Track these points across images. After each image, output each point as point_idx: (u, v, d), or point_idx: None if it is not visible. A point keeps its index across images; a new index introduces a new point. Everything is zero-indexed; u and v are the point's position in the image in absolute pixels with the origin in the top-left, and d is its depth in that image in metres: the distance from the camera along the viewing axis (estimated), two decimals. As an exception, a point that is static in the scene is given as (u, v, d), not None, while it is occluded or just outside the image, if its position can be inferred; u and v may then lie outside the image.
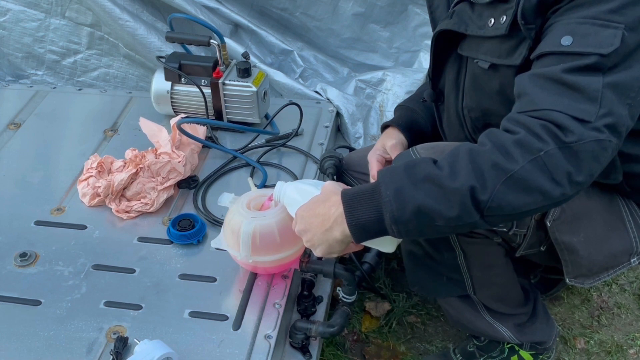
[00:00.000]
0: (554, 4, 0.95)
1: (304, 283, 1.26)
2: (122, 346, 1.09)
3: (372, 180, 1.28)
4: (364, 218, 0.97)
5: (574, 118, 0.88)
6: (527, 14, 0.97)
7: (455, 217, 0.92)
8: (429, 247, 1.21)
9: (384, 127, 1.42)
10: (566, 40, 0.92)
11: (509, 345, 1.42)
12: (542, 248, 1.21)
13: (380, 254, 1.33)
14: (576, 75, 0.90)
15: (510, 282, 1.32)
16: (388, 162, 1.35)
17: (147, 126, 1.52)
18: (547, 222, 1.13)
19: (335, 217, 0.99)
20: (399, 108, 1.45)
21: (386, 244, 1.10)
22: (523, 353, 1.42)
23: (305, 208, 1.06)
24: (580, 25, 0.92)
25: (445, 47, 1.17)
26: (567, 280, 1.21)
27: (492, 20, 1.04)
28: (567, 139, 0.88)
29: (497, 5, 1.02)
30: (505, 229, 1.14)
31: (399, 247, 1.15)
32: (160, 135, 1.49)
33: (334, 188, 1.06)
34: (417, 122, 1.39)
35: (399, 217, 0.94)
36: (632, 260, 1.20)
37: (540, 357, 1.44)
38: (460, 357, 1.47)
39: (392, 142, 1.33)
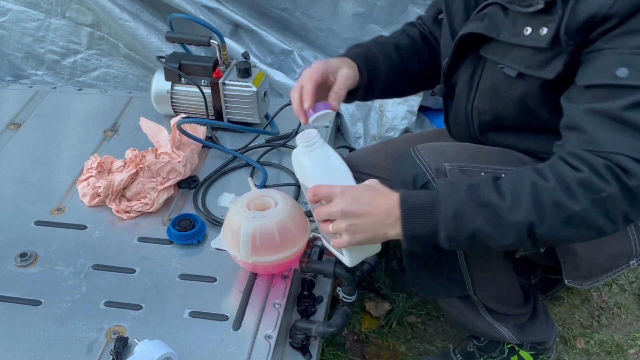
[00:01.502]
0: (602, 25, 0.93)
1: (304, 283, 1.26)
2: (122, 346, 1.09)
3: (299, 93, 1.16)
4: (419, 230, 1.00)
5: (637, 161, 0.90)
6: (570, 29, 0.95)
7: (508, 244, 0.97)
8: (430, 248, 1.21)
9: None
10: (622, 72, 0.91)
11: (509, 346, 1.42)
12: (541, 249, 1.21)
13: (380, 254, 1.32)
14: (638, 113, 0.90)
15: (511, 282, 1.32)
16: (324, 86, 1.18)
17: (147, 126, 1.52)
18: None
19: (396, 218, 1.00)
20: (360, 47, 1.30)
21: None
22: (523, 353, 1.42)
23: (360, 193, 1.03)
24: (636, 57, 0.91)
25: (465, 46, 1.15)
26: (566, 281, 1.21)
27: (529, 30, 1.01)
28: (630, 182, 0.90)
29: (537, 15, 0.99)
30: None
31: (398, 246, 1.16)
32: (160, 135, 1.49)
33: (382, 185, 1.06)
34: (377, 69, 1.27)
35: (453, 237, 0.98)
36: (631, 262, 1.20)
37: (540, 357, 1.44)
38: (460, 357, 1.47)
39: (347, 72, 1.17)
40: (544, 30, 0.99)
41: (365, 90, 1.25)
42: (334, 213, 1.02)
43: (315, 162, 1.09)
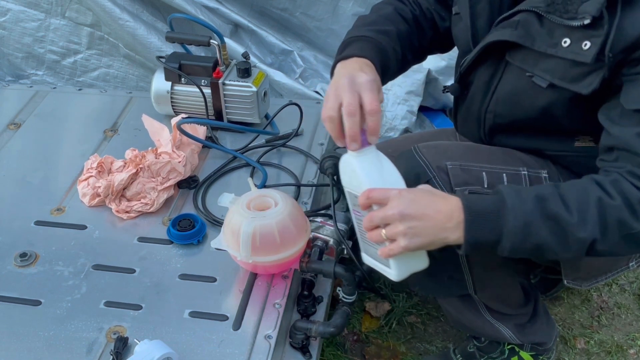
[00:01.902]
0: None
1: (304, 283, 1.26)
2: (122, 346, 1.09)
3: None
4: (482, 238, 0.97)
5: None
6: (616, 47, 0.94)
7: (566, 257, 0.99)
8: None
9: (343, 58, 1.15)
10: None
11: (509, 346, 1.42)
12: None
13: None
14: None
15: (511, 282, 1.33)
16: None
17: (149, 123, 1.52)
18: None
19: (458, 222, 0.97)
20: (367, 41, 1.18)
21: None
22: (523, 354, 1.42)
23: (418, 195, 0.99)
24: None
25: (489, 50, 1.13)
26: (565, 282, 1.21)
27: (567, 42, 0.99)
28: None
29: (578, 27, 0.97)
30: None
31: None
32: (161, 134, 1.49)
33: (436, 189, 1.03)
34: (388, 67, 1.21)
35: (518, 247, 0.97)
36: (630, 264, 1.20)
37: (540, 357, 1.44)
38: (461, 358, 1.47)
39: (367, 77, 1.05)
40: (587, 45, 0.96)
41: (383, 71, 1.20)
42: (390, 216, 0.97)
43: (368, 166, 1.04)
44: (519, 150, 1.21)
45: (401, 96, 1.86)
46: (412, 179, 1.15)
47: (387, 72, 1.20)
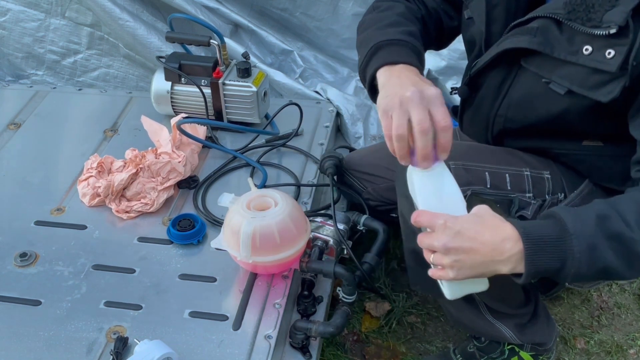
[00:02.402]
0: None
1: (304, 283, 1.26)
2: (122, 346, 1.09)
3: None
4: (544, 266, 0.91)
5: None
6: None
7: (630, 277, 0.94)
8: None
9: (387, 63, 1.10)
10: None
11: (509, 347, 1.42)
12: None
13: (380, 254, 1.33)
14: None
15: (512, 282, 1.32)
16: None
17: (149, 124, 1.52)
18: None
19: (510, 254, 0.91)
20: (405, 45, 1.14)
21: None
22: (523, 354, 1.42)
23: (465, 226, 0.92)
24: None
25: (503, 53, 1.11)
26: (567, 283, 1.21)
27: (589, 49, 0.97)
28: None
29: (601, 36, 0.95)
30: None
31: (398, 247, 1.15)
32: (161, 134, 1.49)
33: (493, 213, 0.95)
34: (423, 68, 1.20)
35: (582, 273, 0.90)
36: None
37: (540, 358, 1.44)
38: (461, 358, 1.47)
39: (436, 91, 0.98)
40: (611, 53, 0.94)
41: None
42: (435, 247, 0.93)
43: (427, 186, 0.99)
44: (524, 150, 1.20)
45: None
46: None
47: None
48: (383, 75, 1.06)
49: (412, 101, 0.95)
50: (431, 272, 0.98)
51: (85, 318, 1.16)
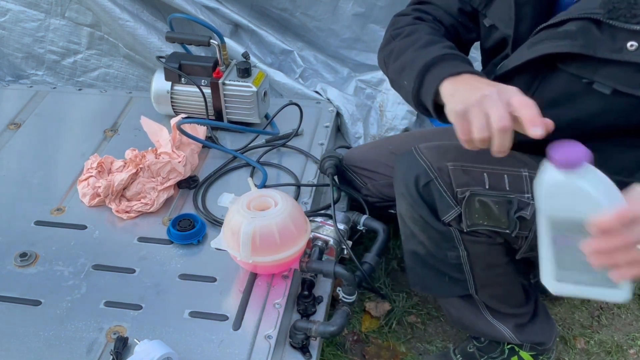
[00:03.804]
0: None
1: (304, 283, 1.26)
2: (122, 346, 1.09)
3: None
4: None
5: None
6: None
7: None
8: (432, 247, 1.21)
9: (449, 76, 1.08)
10: None
11: (509, 346, 1.42)
12: None
13: (380, 254, 1.33)
14: None
15: (512, 281, 1.33)
16: None
17: (148, 125, 1.52)
18: None
19: None
20: (457, 57, 1.14)
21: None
22: (523, 354, 1.42)
23: None
24: None
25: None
26: None
27: (635, 45, 0.96)
28: None
29: None
30: (508, 231, 1.14)
31: (398, 247, 1.14)
32: (161, 135, 1.49)
33: None
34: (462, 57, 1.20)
35: None
36: None
37: (540, 357, 1.44)
38: (461, 358, 1.47)
39: (512, 87, 1.00)
40: None
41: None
42: None
43: (596, 183, 0.90)
44: (524, 147, 1.20)
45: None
46: (412, 180, 1.14)
47: None
48: (449, 87, 1.03)
49: (490, 99, 0.93)
50: (620, 274, 0.84)
51: (85, 318, 1.16)
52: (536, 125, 0.91)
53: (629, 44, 0.96)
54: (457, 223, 1.16)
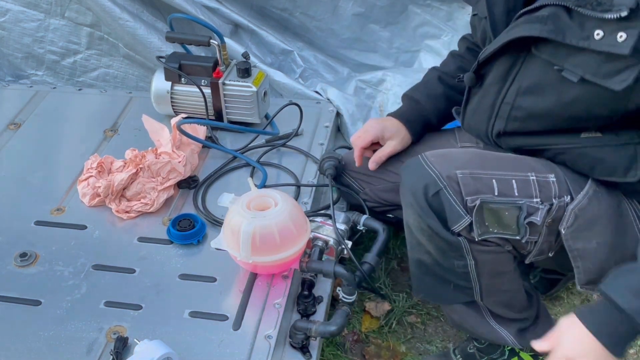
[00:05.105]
0: None
1: (304, 283, 1.26)
2: (122, 346, 1.09)
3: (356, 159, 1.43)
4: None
5: None
6: None
7: None
8: (439, 256, 1.20)
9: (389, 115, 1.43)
10: None
11: (509, 347, 1.42)
12: (550, 254, 1.20)
13: (380, 254, 1.32)
14: None
15: (517, 287, 1.32)
16: (372, 147, 1.43)
17: (149, 124, 1.52)
18: (562, 230, 1.12)
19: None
20: (406, 98, 1.46)
21: None
22: (523, 355, 1.42)
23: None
24: None
25: (512, 43, 1.11)
26: (579, 287, 1.19)
27: (601, 34, 0.97)
28: None
29: (612, 19, 0.95)
30: (518, 237, 1.14)
31: (398, 247, 1.14)
32: (161, 134, 1.49)
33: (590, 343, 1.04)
34: (424, 115, 1.41)
35: None
36: None
37: (540, 357, 1.44)
38: (461, 358, 1.46)
39: (394, 145, 1.39)
40: (622, 37, 0.94)
41: (418, 139, 1.42)
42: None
43: None
44: (523, 148, 1.20)
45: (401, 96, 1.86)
46: (421, 190, 1.14)
47: (425, 124, 1.44)
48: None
49: (360, 132, 1.45)
50: None
51: (85, 318, 1.16)
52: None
53: (595, 33, 0.98)
54: (467, 232, 1.15)
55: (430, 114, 1.41)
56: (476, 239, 1.14)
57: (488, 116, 1.21)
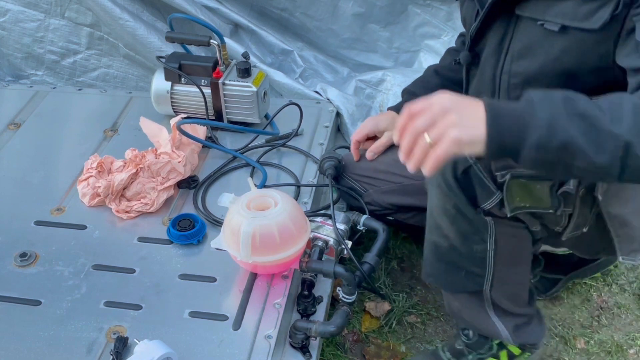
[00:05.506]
0: None
1: (304, 283, 1.26)
2: (122, 346, 1.09)
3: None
4: (506, 133, 0.90)
5: None
6: None
7: (599, 164, 0.88)
8: (458, 240, 1.19)
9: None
10: None
11: (497, 341, 1.41)
12: (584, 229, 1.18)
13: (380, 254, 1.32)
14: None
15: (526, 282, 1.31)
16: (370, 141, 1.48)
17: (147, 126, 1.52)
18: (599, 196, 1.10)
19: (482, 116, 0.90)
20: (405, 93, 1.52)
21: None
22: (511, 347, 1.42)
23: (449, 96, 0.92)
24: None
25: (497, 9, 1.14)
26: (620, 258, 1.16)
27: None
28: None
29: None
30: (551, 211, 1.12)
31: (399, 246, 1.13)
32: (160, 135, 1.49)
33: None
34: None
35: (545, 145, 0.88)
36: None
37: (527, 348, 1.43)
38: (450, 355, 1.46)
39: (385, 124, 1.46)
40: None
41: None
42: (435, 112, 0.93)
43: None
44: None
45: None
46: (450, 167, 1.13)
47: None
48: None
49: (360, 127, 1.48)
50: (431, 161, 0.92)
51: (85, 318, 1.16)
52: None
53: None
54: (497, 210, 1.13)
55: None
56: (508, 215, 1.13)
57: (491, 91, 1.21)
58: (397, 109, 1.49)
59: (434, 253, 1.27)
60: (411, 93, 1.49)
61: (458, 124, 0.89)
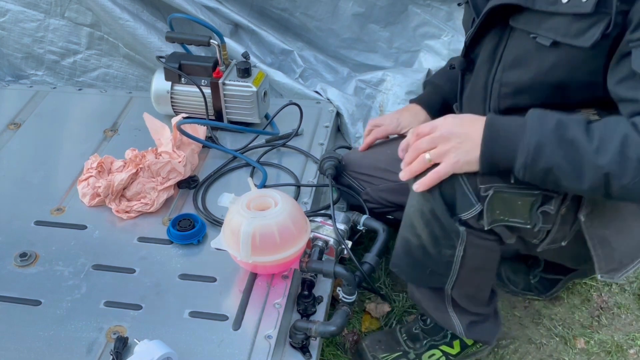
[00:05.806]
0: None
1: (304, 283, 1.26)
2: (122, 346, 1.09)
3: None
4: (497, 155, 1.03)
5: None
6: None
7: (582, 189, 1.00)
8: (429, 242, 1.20)
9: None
10: None
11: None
12: (562, 243, 1.19)
13: (380, 254, 1.32)
14: None
15: (488, 285, 1.32)
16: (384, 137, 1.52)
17: (151, 122, 1.52)
18: (581, 217, 1.12)
19: (479, 139, 1.04)
20: (428, 84, 1.59)
21: None
22: (465, 339, 1.42)
23: (452, 120, 1.08)
24: None
25: (492, 18, 1.15)
26: (599, 276, 1.18)
27: None
28: None
29: None
30: (529, 226, 1.13)
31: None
32: (162, 133, 1.49)
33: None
34: (442, 96, 1.50)
35: (529, 167, 1.00)
36: None
37: (479, 343, 1.44)
38: (405, 337, 1.46)
39: (407, 122, 1.49)
40: None
41: (437, 115, 1.39)
42: (436, 137, 1.09)
43: None
44: None
45: (401, 96, 1.86)
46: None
47: (439, 104, 1.54)
48: None
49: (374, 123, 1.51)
50: (429, 176, 1.08)
51: (85, 318, 1.16)
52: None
53: None
54: (474, 221, 1.14)
55: (448, 94, 1.46)
56: (485, 228, 1.13)
57: (482, 98, 1.22)
58: (417, 100, 1.55)
59: (404, 247, 1.26)
60: (434, 84, 1.54)
61: (457, 148, 1.05)
